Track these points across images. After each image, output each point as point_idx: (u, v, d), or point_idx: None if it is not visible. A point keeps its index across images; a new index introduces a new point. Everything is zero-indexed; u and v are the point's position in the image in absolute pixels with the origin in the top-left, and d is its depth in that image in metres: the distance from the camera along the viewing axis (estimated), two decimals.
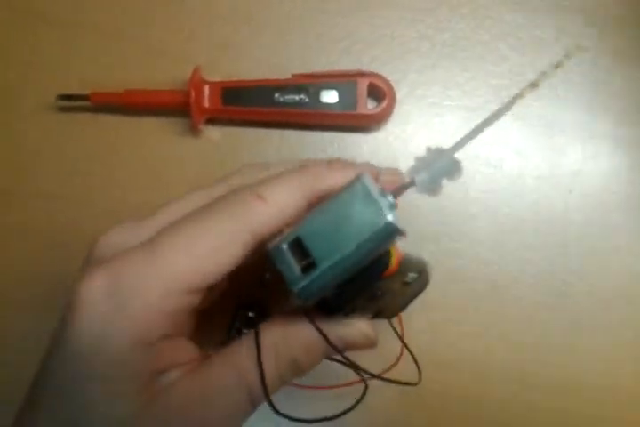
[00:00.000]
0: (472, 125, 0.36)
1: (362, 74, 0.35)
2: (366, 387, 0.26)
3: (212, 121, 0.36)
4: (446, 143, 0.36)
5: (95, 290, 0.21)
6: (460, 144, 0.22)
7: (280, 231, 0.22)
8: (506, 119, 0.37)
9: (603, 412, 0.35)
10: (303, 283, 0.20)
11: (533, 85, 0.23)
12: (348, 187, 0.20)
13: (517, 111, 0.37)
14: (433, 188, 0.22)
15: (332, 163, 0.24)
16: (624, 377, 0.35)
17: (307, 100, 0.35)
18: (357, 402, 0.25)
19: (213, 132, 0.36)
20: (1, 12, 0.37)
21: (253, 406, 0.23)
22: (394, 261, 0.22)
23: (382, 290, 0.24)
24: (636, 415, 0.35)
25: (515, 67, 0.37)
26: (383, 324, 0.28)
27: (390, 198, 0.21)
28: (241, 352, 0.23)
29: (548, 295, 0.36)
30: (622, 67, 0.37)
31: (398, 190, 0.22)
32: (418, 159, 0.22)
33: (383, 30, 0.37)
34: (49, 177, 0.36)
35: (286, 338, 0.23)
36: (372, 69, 0.36)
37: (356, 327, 0.24)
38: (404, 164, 0.36)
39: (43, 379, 0.22)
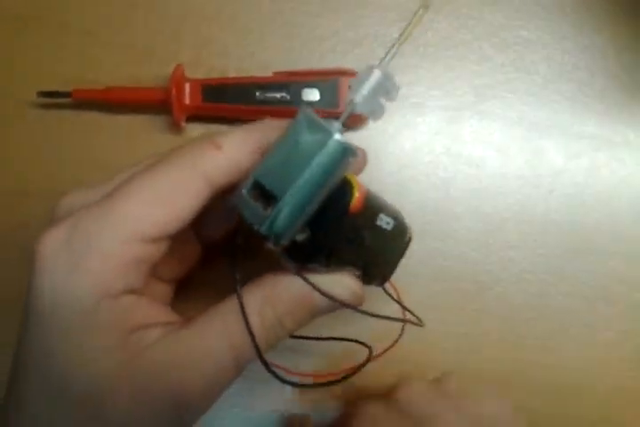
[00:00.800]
0: (454, 125, 0.37)
1: (343, 72, 0.35)
2: (370, 353, 0.26)
3: (193, 118, 0.36)
4: (427, 141, 0.36)
5: (52, 244, 0.21)
6: (388, 58, 0.22)
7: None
8: (488, 119, 0.37)
9: (585, 411, 0.35)
10: (269, 220, 0.20)
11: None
12: (293, 122, 0.21)
13: (500, 111, 0.37)
14: (374, 109, 0.22)
15: None
16: (607, 377, 0.35)
17: (288, 98, 0.35)
18: (360, 366, 0.25)
19: (195, 130, 0.36)
20: None
21: (238, 370, 0.22)
22: (356, 193, 0.22)
23: (355, 232, 0.23)
24: (618, 415, 0.35)
25: (497, 66, 0.37)
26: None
27: (336, 124, 0.21)
28: (226, 314, 0.22)
29: (530, 295, 0.36)
30: (604, 67, 0.37)
31: (341, 117, 0.22)
32: (352, 81, 0.22)
33: (366, 30, 0.37)
34: (29, 174, 0.36)
35: (270, 299, 0.22)
36: (354, 69, 0.36)
37: (342, 283, 0.23)
38: (386, 163, 0.36)
39: (19, 348, 0.22)
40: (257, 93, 0.34)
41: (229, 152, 0.22)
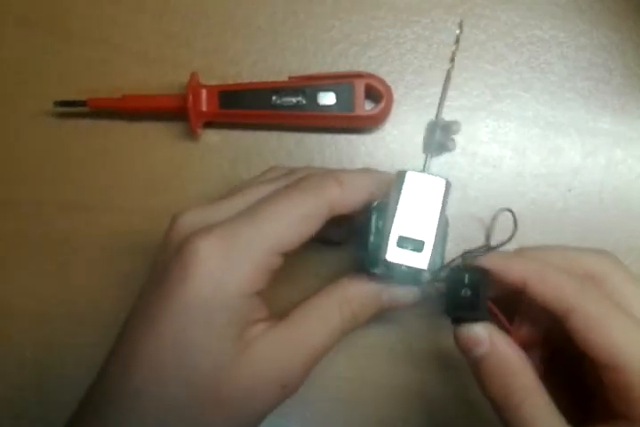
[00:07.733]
0: (469, 125, 0.37)
1: (359, 75, 0.35)
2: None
3: (210, 125, 0.36)
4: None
5: (211, 248, 0.25)
6: (440, 106, 0.29)
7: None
8: (504, 118, 0.37)
9: None
10: (427, 260, 0.25)
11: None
12: (398, 182, 0.26)
13: (515, 111, 0.37)
14: (447, 145, 0.34)
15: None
16: None
17: (304, 102, 0.35)
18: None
19: (212, 136, 0.36)
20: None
21: (333, 346, 0.27)
22: None
23: None
24: None
25: (512, 66, 0.37)
26: None
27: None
28: (321, 305, 0.28)
29: None
30: (622, 64, 0.37)
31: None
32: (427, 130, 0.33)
33: (379, 32, 0.37)
34: (47, 184, 0.36)
35: (348, 298, 0.28)
36: (369, 71, 0.36)
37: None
38: (402, 164, 0.36)
39: (143, 340, 0.25)
40: (273, 98, 0.35)
41: (348, 188, 0.27)
